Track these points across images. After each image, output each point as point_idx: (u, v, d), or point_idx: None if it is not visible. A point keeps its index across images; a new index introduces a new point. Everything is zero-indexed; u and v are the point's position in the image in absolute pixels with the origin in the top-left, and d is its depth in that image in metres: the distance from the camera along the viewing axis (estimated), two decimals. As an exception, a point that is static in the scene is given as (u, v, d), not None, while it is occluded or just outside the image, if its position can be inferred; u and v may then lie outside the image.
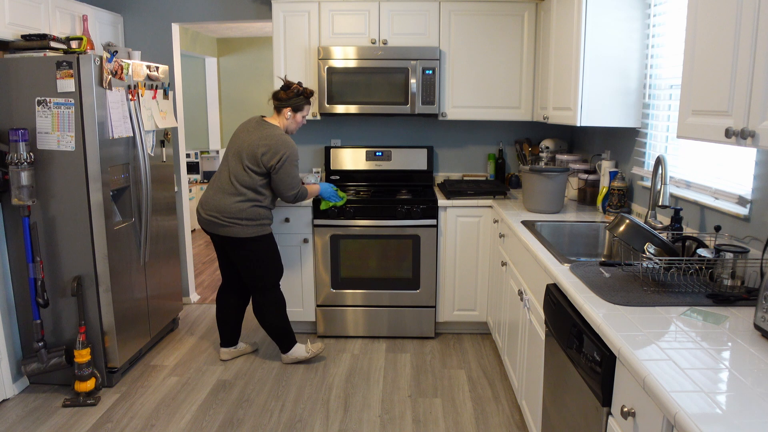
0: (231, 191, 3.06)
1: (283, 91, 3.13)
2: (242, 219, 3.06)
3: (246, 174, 3.05)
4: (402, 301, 3.66)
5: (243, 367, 3.36)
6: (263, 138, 3.04)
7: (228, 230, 3.07)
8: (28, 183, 2.79)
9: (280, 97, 3.13)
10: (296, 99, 3.12)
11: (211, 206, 3.09)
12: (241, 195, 3.05)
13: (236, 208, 3.05)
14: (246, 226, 3.07)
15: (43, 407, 2.91)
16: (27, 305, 3.03)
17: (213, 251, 6.03)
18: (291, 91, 3.12)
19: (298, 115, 3.16)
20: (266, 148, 3.02)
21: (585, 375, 1.65)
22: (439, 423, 2.77)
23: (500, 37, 3.68)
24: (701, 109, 1.66)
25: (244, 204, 3.05)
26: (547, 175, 3.08)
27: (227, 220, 3.06)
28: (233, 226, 3.06)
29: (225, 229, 3.07)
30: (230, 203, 3.05)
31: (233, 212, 3.05)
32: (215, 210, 3.07)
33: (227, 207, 3.05)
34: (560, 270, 2.06)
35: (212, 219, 3.08)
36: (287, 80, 3.17)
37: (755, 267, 1.82)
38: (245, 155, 3.04)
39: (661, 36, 2.69)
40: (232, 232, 3.07)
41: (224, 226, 3.07)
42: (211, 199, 3.10)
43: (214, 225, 3.09)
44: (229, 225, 3.06)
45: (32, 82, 2.83)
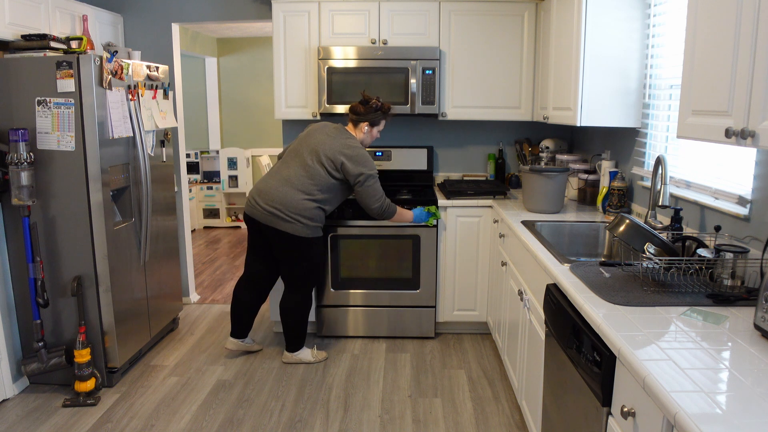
0: (300, 187, 3.04)
1: (362, 105, 3.16)
2: (305, 218, 3.05)
3: (325, 175, 3.06)
4: (402, 301, 3.66)
5: (243, 367, 3.36)
6: (346, 147, 3.07)
7: (288, 226, 3.04)
8: (28, 183, 2.79)
9: (359, 112, 3.16)
10: (374, 114, 3.16)
11: (275, 198, 3.04)
12: (310, 194, 3.05)
13: (303, 206, 3.03)
14: (306, 225, 3.07)
15: (43, 407, 2.91)
16: (27, 305, 3.03)
17: (213, 251, 6.03)
18: (370, 106, 3.15)
19: (375, 130, 3.21)
20: (349, 158, 3.05)
21: (585, 375, 1.65)
22: (439, 423, 2.77)
23: (500, 37, 3.68)
24: (701, 109, 1.66)
25: (310, 203, 3.05)
26: (547, 175, 3.08)
27: (291, 216, 3.03)
28: (295, 223, 3.04)
29: (285, 225, 3.04)
30: (298, 199, 3.03)
31: (299, 209, 3.03)
32: (280, 203, 3.03)
33: (294, 203, 3.03)
34: (560, 270, 2.06)
35: (274, 212, 3.04)
36: (366, 95, 3.19)
37: (755, 267, 1.82)
38: (325, 157, 3.04)
39: (661, 36, 2.69)
40: (291, 229, 3.05)
41: (286, 221, 3.04)
42: (275, 191, 3.05)
43: (275, 218, 3.04)
44: (292, 221, 3.04)
45: (32, 82, 2.83)
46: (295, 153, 3.14)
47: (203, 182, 7.06)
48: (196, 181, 7.04)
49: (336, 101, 3.66)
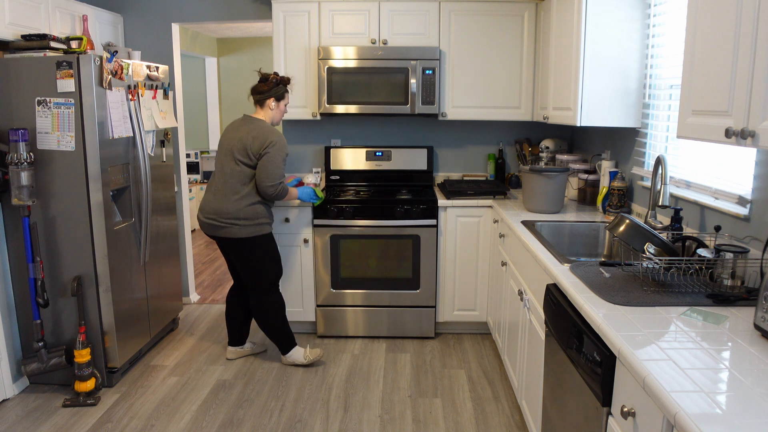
0: (226, 191, 3.06)
1: (263, 83, 3.15)
2: (240, 219, 3.06)
3: (238, 168, 3.05)
4: (402, 301, 3.66)
5: (243, 367, 3.36)
6: (251, 130, 3.06)
7: (226, 231, 3.07)
8: (28, 183, 2.79)
9: (261, 90, 3.13)
10: (276, 88, 3.14)
11: (209, 209, 3.09)
12: (236, 193, 3.05)
13: (233, 208, 3.05)
14: (244, 226, 3.07)
15: (43, 407, 2.91)
16: (27, 305, 3.03)
17: (213, 251, 6.03)
18: (270, 81, 3.14)
19: (281, 104, 3.19)
20: (254, 138, 3.03)
21: (585, 375, 1.65)
22: (439, 423, 2.77)
23: (500, 37, 3.68)
24: (701, 109, 1.66)
25: (240, 202, 3.05)
26: (547, 175, 3.08)
27: (225, 221, 3.06)
28: (231, 226, 3.06)
29: (224, 231, 3.07)
30: (227, 204, 3.05)
31: (231, 212, 3.05)
32: (213, 212, 3.07)
33: (224, 208, 3.05)
34: (560, 270, 2.06)
35: (211, 222, 3.08)
36: (263, 72, 3.18)
37: (755, 267, 1.82)
38: (236, 151, 3.05)
39: (661, 36, 2.69)
40: (230, 233, 3.07)
41: (223, 227, 3.07)
42: (209, 203, 3.11)
43: (214, 227, 3.09)
44: (227, 226, 3.06)
45: (32, 82, 2.83)
46: (218, 161, 3.15)
47: (203, 182, 7.06)
48: (196, 181, 7.04)
49: (336, 101, 3.66)
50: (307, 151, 4.21)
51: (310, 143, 4.20)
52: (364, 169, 4.06)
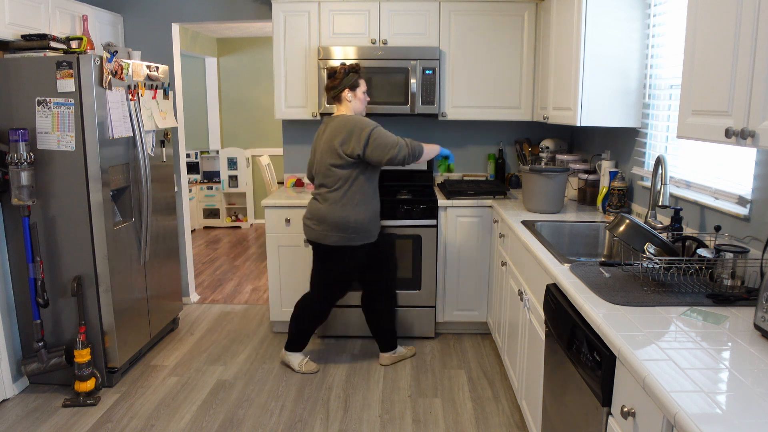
0: (322, 196, 3.04)
1: (332, 78, 3.05)
2: (323, 224, 3.05)
3: (337, 169, 2.96)
4: (402, 301, 3.66)
5: (243, 367, 3.36)
6: (335, 131, 2.96)
7: (315, 235, 3.08)
8: (28, 183, 2.79)
9: (333, 86, 3.03)
10: (347, 78, 3.02)
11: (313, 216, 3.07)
12: (329, 200, 3.01)
13: (323, 213, 3.04)
14: (329, 233, 3.04)
15: (43, 407, 2.91)
16: (27, 305, 3.03)
17: (213, 251, 6.04)
18: (339, 73, 3.03)
19: (358, 92, 3.05)
20: (345, 137, 2.93)
21: (585, 375, 1.65)
22: (439, 423, 2.77)
23: (500, 37, 3.68)
24: (701, 109, 1.66)
25: (336, 208, 3.01)
26: (547, 175, 3.08)
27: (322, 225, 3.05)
28: (317, 230, 3.06)
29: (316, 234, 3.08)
30: (319, 209, 3.04)
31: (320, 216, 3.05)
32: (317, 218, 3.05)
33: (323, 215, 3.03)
34: (560, 270, 2.06)
35: (314, 228, 3.08)
36: (329, 68, 3.09)
37: (755, 267, 1.82)
38: (322, 157, 3.00)
39: (661, 36, 2.69)
40: (317, 237, 3.08)
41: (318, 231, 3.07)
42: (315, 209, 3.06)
43: (312, 232, 3.09)
44: (316, 230, 3.07)
45: (32, 82, 2.83)
46: (315, 173, 3.10)
47: (203, 182, 7.06)
48: (196, 181, 7.04)
49: (336, 101, 3.65)
50: (307, 151, 4.21)
51: (310, 143, 4.20)
52: (364, 169, 4.06)
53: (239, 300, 4.53)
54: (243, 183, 7.02)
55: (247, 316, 4.18)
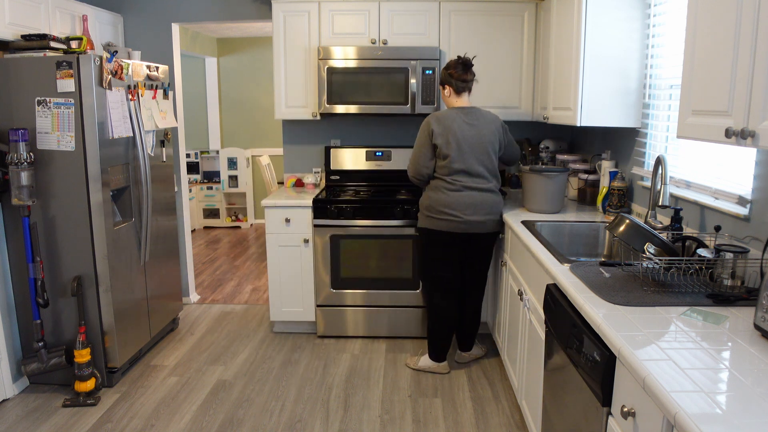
0: (492, 186, 3.07)
1: (471, 68, 3.06)
2: (497, 212, 3.10)
3: (495, 159, 3.07)
4: (402, 301, 3.66)
5: (243, 367, 3.36)
6: (486, 122, 3.04)
7: (492, 225, 3.10)
8: (28, 183, 2.79)
9: (471, 78, 3.06)
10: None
11: (489, 208, 3.05)
12: (491, 186, 3.07)
13: (494, 201, 3.08)
14: (498, 217, 3.11)
15: (43, 407, 2.91)
16: (27, 305, 3.03)
17: (213, 251, 6.03)
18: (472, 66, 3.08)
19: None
20: (495, 129, 3.05)
21: (585, 375, 1.65)
22: (439, 423, 2.77)
23: (500, 37, 3.68)
24: (701, 109, 1.66)
25: (497, 196, 3.10)
26: (547, 175, 3.08)
27: (496, 215, 3.09)
28: (497, 219, 3.11)
29: (496, 224, 3.11)
30: (496, 198, 3.09)
31: (496, 205, 3.10)
32: (494, 209, 3.07)
33: (496, 202, 3.08)
34: (560, 270, 2.06)
35: (491, 218, 3.06)
36: (464, 58, 3.05)
37: (755, 267, 1.82)
38: (489, 146, 3.02)
39: (661, 36, 2.69)
40: (492, 227, 3.10)
41: (496, 221, 3.10)
42: (488, 200, 3.04)
43: (492, 223, 3.08)
44: (497, 219, 3.10)
45: (32, 82, 2.83)
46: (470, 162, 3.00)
47: (203, 182, 7.06)
48: (196, 181, 7.04)
49: (336, 101, 3.65)
50: (307, 151, 4.21)
51: (310, 143, 4.20)
52: (364, 169, 4.06)
53: (239, 300, 4.53)
54: (243, 183, 7.02)
55: (247, 316, 4.18)
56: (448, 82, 3.06)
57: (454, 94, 3.07)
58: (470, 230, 3.04)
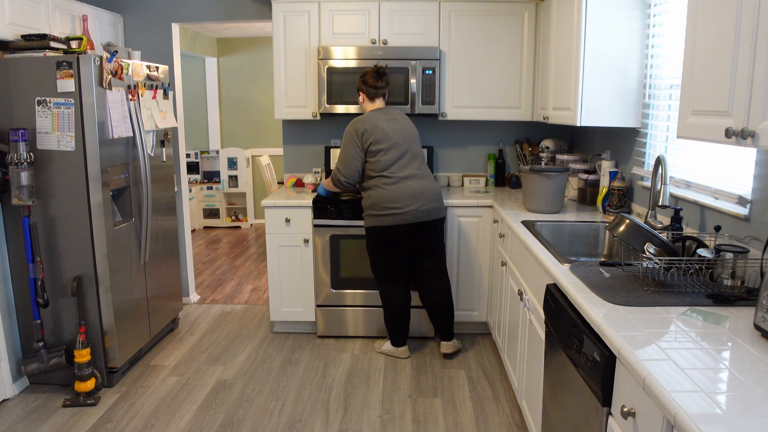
0: (429, 174, 3.30)
1: (382, 78, 3.29)
2: (440, 199, 3.30)
3: (421, 149, 3.37)
4: (402, 301, 3.66)
5: (243, 367, 3.36)
6: (405, 117, 3.33)
7: (439, 212, 3.29)
8: (28, 183, 2.79)
9: (384, 85, 3.30)
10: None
11: (432, 195, 3.24)
12: (427, 173, 3.30)
13: (434, 188, 3.27)
14: (442, 204, 3.32)
15: (43, 407, 2.91)
16: (27, 305, 3.03)
17: (213, 251, 6.03)
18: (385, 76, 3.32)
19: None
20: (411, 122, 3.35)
21: (585, 375, 1.65)
22: (439, 423, 2.77)
23: (500, 37, 3.68)
24: (701, 109, 1.66)
25: (435, 183, 3.30)
26: (547, 175, 3.08)
27: (440, 202, 3.30)
28: (441, 206, 3.30)
29: (438, 212, 3.28)
30: (435, 185, 3.29)
31: (438, 192, 3.29)
32: (435, 196, 3.25)
33: (437, 189, 3.29)
34: (560, 270, 2.06)
35: (436, 206, 3.26)
36: (378, 67, 3.30)
37: (755, 267, 1.82)
38: (414, 136, 3.28)
39: (661, 36, 2.69)
40: (440, 213, 3.30)
41: (439, 208, 3.28)
42: (429, 188, 3.23)
43: (437, 210, 3.27)
44: (440, 206, 3.29)
45: (32, 82, 2.83)
46: (402, 150, 3.22)
47: (203, 182, 7.06)
48: (196, 181, 7.04)
49: (336, 101, 3.65)
50: (307, 151, 4.21)
51: (310, 143, 4.20)
52: (364, 169, 4.06)
53: (239, 300, 4.53)
54: (243, 183, 7.02)
55: (247, 316, 4.18)
56: (361, 89, 3.30)
57: (367, 100, 3.31)
58: (415, 220, 3.19)
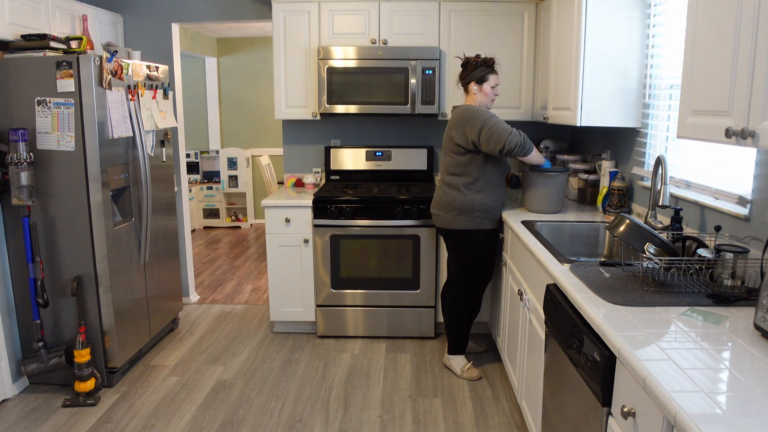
0: (450, 183, 3.09)
1: (463, 68, 3.07)
2: (447, 208, 3.09)
3: (458, 156, 3.02)
4: (402, 301, 3.66)
5: (243, 367, 3.36)
6: (453, 120, 3.04)
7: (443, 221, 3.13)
8: (28, 183, 2.79)
9: (462, 76, 3.07)
10: (476, 71, 3.01)
11: (435, 202, 3.17)
12: (454, 186, 3.07)
13: (446, 196, 3.09)
14: (457, 217, 3.07)
15: (43, 407, 2.91)
16: (27, 305, 3.03)
17: (213, 251, 6.04)
18: (470, 65, 3.03)
19: (485, 86, 3.01)
20: (459, 125, 2.98)
21: (585, 375, 1.65)
22: (439, 423, 2.77)
23: (500, 37, 3.68)
24: (701, 109, 1.66)
25: (454, 191, 3.06)
26: (547, 175, 3.08)
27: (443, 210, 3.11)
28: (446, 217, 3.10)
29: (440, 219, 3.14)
30: (440, 192, 3.13)
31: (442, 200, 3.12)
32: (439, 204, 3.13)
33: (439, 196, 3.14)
34: (560, 270, 2.06)
35: (435, 212, 3.17)
36: (465, 57, 3.09)
37: (755, 267, 1.82)
38: (449, 141, 3.06)
39: (661, 36, 2.69)
40: (445, 223, 3.11)
41: (441, 216, 3.13)
42: (437, 194, 3.16)
43: (437, 218, 3.16)
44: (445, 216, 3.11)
45: (32, 82, 2.83)
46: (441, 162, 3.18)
47: (203, 182, 7.06)
48: (196, 181, 7.04)
49: (336, 101, 3.66)
50: (307, 151, 4.21)
51: (310, 143, 4.20)
52: (364, 169, 4.06)
53: (239, 300, 4.53)
54: (243, 183, 7.02)
55: (247, 316, 4.18)
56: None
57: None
58: (435, 223, 3.21)
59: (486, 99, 3.04)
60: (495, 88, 3.05)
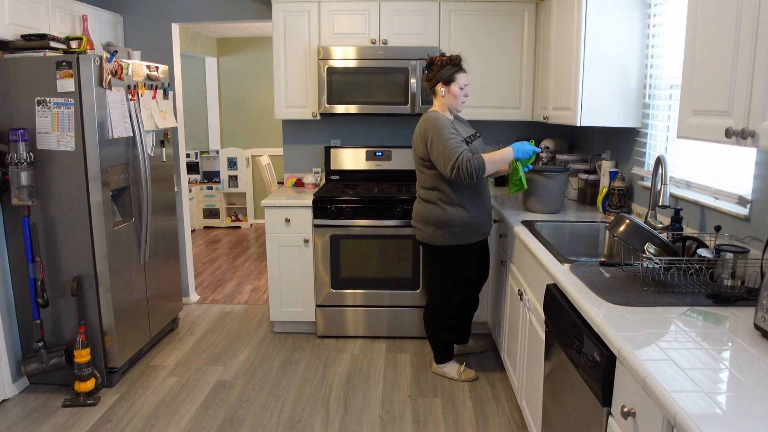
0: (423, 197, 2.95)
1: (428, 68, 2.85)
2: (424, 222, 2.93)
3: (425, 168, 2.84)
4: (402, 301, 3.66)
5: (243, 367, 3.36)
6: (416, 131, 2.87)
7: (420, 233, 2.99)
8: (28, 183, 2.79)
9: (428, 78, 2.84)
10: (443, 71, 2.79)
11: (414, 214, 3.02)
12: (428, 199, 2.90)
13: (423, 210, 2.94)
14: (428, 229, 2.91)
15: (43, 407, 2.91)
16: (27, 305, 3.03)
17: (213, 251, 6.03)
18: (436, 65, 2.81)
19: (454, 87, 2.79)
20: (419, 137, 2.82)
21: (585, 375, 1.65)
22: (439, 423, 2.77)
23: (500, 37, 3.68)
24: (701, 109, 1.66)
25: (430, 206, 2.89)
26: (547, 175, 3.08)
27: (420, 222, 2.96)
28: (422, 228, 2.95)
29: (418, 232, 3.00)
30: (421, 208, 2.95)
31: (426, 217, 2.92)
32: (417, 215, 2.99)
33: (418, 208, 2.98)
34: (560, 270, 2.06)
35: (415, 225, 3.01)
36: (430, 57, 2.87)
37: (755, 267, 1.82)
38: (414, 158, 2.93)
39: (661, 36, 2.69)
40: (423, 238, 2.97)
41: (418, 229, 2.99)
42: (415, 208, 3.02)
43: (415, 230, 3.02)
44: (421, 227, 2.96)
45: (32, 82, 2.83)
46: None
47: (203, 182, 7.06)
48: (196, 181, 7.04)
49: (336, 101, 3.66)
50: (307, 151, 4.21)
51: (310, 143, 4.20)
52: (364, 169, 4.06)
53: (239, 300, 4.53)
54: (243, 183, 7.02)
55: (247, 316, 4.18)
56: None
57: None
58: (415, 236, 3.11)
59: (455, 101, 2.82)
60: (464, 89, 2.83)
